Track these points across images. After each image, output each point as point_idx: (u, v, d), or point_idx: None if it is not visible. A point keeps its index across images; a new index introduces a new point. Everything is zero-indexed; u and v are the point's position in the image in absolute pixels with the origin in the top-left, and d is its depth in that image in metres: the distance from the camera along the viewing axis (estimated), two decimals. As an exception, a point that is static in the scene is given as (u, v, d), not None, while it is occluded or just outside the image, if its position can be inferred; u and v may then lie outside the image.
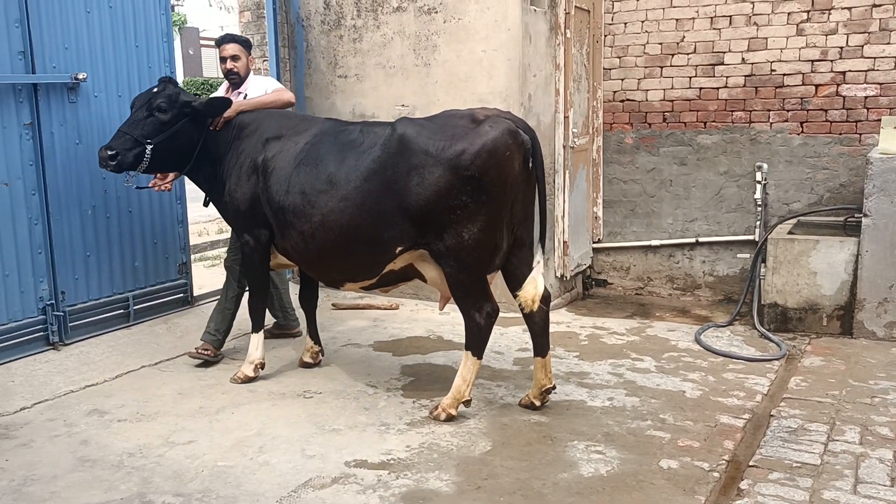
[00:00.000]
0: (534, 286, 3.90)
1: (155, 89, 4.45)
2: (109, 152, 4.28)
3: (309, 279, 4.74)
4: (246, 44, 4.91)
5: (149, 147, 4.33)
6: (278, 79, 6.11)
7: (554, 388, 4.09)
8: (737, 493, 3.16)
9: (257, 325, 4.60)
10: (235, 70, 4.80)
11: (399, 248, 3.90)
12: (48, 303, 4.74)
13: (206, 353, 4.78)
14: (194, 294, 5.82)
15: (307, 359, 4.77)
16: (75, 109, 4.85)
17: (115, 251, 5.13)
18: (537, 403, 4.05)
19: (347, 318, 5.88)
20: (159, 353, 5.01)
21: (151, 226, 5.40)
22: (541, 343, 4.05)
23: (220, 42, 4.89)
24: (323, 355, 4.84)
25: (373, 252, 3.96)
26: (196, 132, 4.48)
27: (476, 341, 3.90)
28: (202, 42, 18.49)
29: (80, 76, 4.78)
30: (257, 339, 4.57)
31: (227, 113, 4.48)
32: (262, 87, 4.83)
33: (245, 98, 4.76)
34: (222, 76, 5.00)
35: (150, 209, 5.39)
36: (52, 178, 4.72)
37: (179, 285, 5.67)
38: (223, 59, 4.86)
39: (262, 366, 4.58)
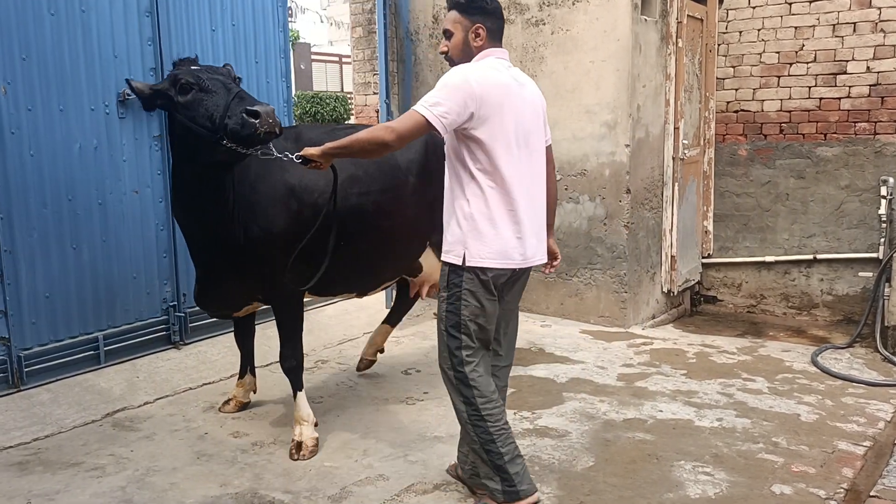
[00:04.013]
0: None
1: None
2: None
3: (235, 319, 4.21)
4: (464, 7, 2.99)
5: None
6: (387, 94, 6.24)
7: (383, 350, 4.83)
8: (857, 525, 2.99)
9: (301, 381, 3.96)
10: (449, 54, 3.05)
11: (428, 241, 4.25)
12: (171, 304, 5.03)
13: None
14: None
15: (243, 398, 4.29)
16: (199, 122, 5.13)
17: (232, 257, 5.39)
18: (374, 359, 4.79)
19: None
20: (270, 355, 5.19)
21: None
22: (398, 317, 4.81)
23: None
24: (255, 391, 4.40)
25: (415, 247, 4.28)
26: None
27: None
28: (313, 57, 19.20)
29: (205, 91, 5.06)
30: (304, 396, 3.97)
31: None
32: None
33: None
34: (333, 90, 5.01)
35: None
36: (177, 186, 5.01)
37: (290, 291, 5.88)
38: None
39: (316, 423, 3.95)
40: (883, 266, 5.55)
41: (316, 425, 3.84)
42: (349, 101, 18.87)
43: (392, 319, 4.83)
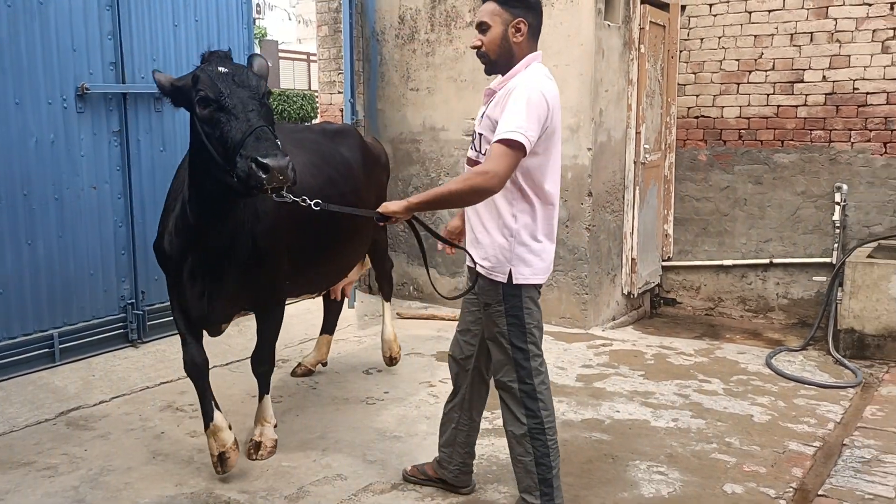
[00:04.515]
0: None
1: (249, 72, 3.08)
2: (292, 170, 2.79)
3: (199, 339, 3.60)
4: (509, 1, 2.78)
5: None
6: (352, 93, 6.23)
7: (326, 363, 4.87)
8: (804, 523, 3.07)
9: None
10: (483, 49, 2.84)
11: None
12: (129, 302, 4.96)
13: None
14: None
15: (232, 454, 3.47)
16: (161, 118, 5.07)
17: (192, 254, 5.34)
18: (313, 370, 4.79)
19: (410, 327, 5.94)
20: (230, 354, 5.16)
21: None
22: (334, 323, 4.84)
23: None
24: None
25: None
26: None
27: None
28: (281, 55, 19.04)
29: (166, 86, 5.00)
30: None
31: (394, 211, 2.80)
32: (500, 103, 2.79)
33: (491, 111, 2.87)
34: (301, 88, 4.97)
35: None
36: (136, 183, 4.94)
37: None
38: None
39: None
40: (836, 271, 5.69)
41: (275, 426, 3.82)
42: (316, 99, 18.75)
43: (330, 328, 4.87)
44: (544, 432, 2.94)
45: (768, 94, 6.17)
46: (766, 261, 6.29)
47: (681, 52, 6.47)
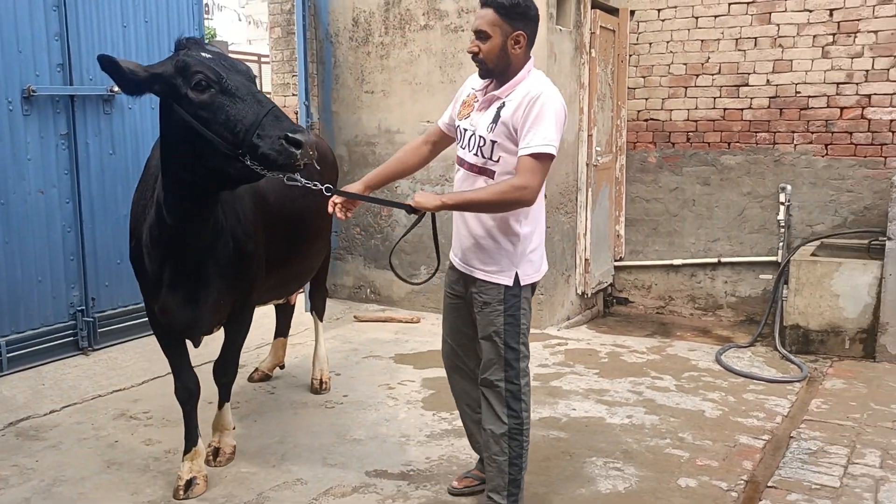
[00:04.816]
0: None
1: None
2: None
3: (188, 363, 3.49)
4: (507, 12, 2.79)
5: None
6: (306, 96, 6.21)
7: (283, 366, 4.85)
8: (755, 514, 3.17)
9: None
10: (480, 56, 2.84)
11: None
12: (79, 308, 4.86)
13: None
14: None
15: (201, 477, 3.39)
16: (110, 121, 4.98)
17: (144, 259, 5.25)
18: (271, 374, 4.76)
19: (368, 330, 5.94)
20: (184, 360, 5.09)
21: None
22: (287, 325, 4.78)
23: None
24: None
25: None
26: None
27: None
28: (231, 56, 18.84)
29: (116, 88, 4.91)
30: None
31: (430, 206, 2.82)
32: (518, 111, 2.79)
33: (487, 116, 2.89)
34: None
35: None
36: (85, 187, 4.85)
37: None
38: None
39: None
40: (781, 269, 5.87)
41: (233, 428, 3.78)
42: (268, 101, 18.51)
43: (284, 331, 4.81)
44: (522, 433, 2.99)
45: (715, 98, 6.34)
46: (715, 260, 6.46)
47: (630, 56, 6.60)
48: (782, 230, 6.10)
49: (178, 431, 3.97)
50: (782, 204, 6.07)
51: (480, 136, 2.85)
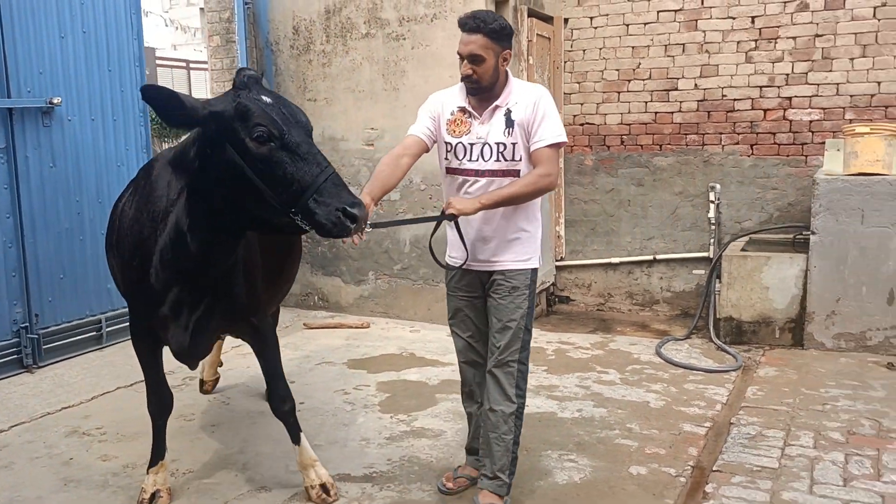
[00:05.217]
0: None
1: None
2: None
3: (164, 376, 3.48)
4: (499, 35, 3.05)
5: None
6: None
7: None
8: (703, 497, 3.36)
9: None
10: (475, 77, 3.08)
11: None
12: (22, 325, 4.75)
13: None
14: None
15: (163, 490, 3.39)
16: (49, 133, 4.89)
17: (89, 272, 5.17)
18: (218, 374, 4.67)
19: (319, 337, 5.97)
20: (134, 374, 5.00)
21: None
22: None
23: (461, 25, 3.10)
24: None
25: None
26: None
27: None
28: (158, 62, 18.39)
29: (55, 100, 4.83)
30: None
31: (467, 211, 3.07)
32: (527, 112, 3.11)
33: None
34: None
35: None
36: (26, 201, 4.75)
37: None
38: (460, 57, 3.09)
39: None
40: (713, 264, 6.16)
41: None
42: (198, 108, 18.15)
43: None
44: (523, 413, 3.29)
45: (646, 102, 6.60)
46: (650, 257, 6.72)
47: (565, 62, 6.82)
48: (713, 227, 6.40)
49: (134, 446, 3.96)
50: (712, 202, 6.37)
51: (498, 143, 3.12)
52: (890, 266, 5.20)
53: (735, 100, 6.30)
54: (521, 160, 3.12)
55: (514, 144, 3.11)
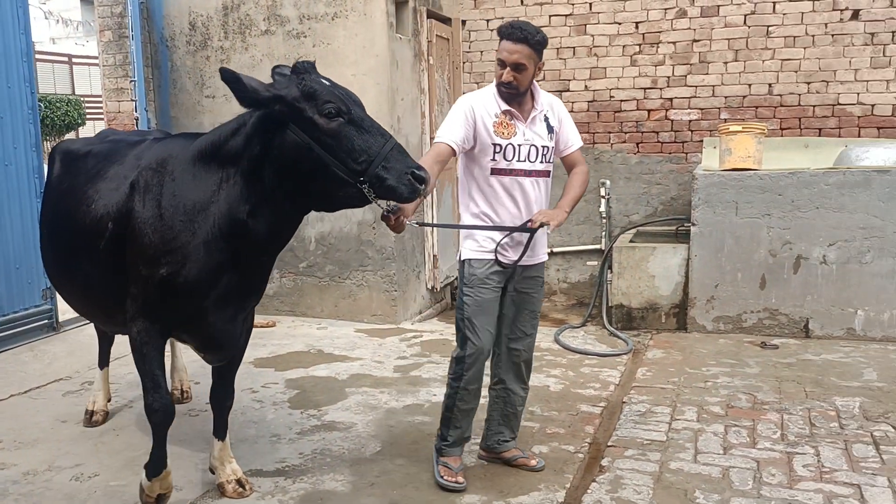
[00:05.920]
0: None
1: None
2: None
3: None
4: (541, 47, 3.30)
5: None
6: (145, 101, 6.07)
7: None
8: (599, 470, 3.61)
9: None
10: (515, 83, 3.28)
11: None
12: None
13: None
14: (59, 320, 5.69)
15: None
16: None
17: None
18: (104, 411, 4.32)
19: (223, 336, 5.91)
20: (28, 381, 4.87)
21: (13, 249, 5.23)
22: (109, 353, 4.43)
23: (506, 34, 3.27)
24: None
25: None
26: None
27: None
28: (38, 57, 17.47)
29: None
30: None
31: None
32: (555, 118, 3.47)
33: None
34: (63, 93, 4.52)
35: (12, 232, 5.23)
36: None
37: (44, 311, 5.52)
38: (502, 64, 3.30)
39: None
40: (605, 256, 6.52)
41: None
42: (83, 104, 17.42)
43: (107, 361, 4.40)
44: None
45: (541, 101, 6.88)
46: (548, 250, 7.00)
47: (464, 63, 7.02)
48: (604, 220, 6.75)
49: (34, 453, 3.86)
50: (603, 197, 6.72)
51: (544, 147, 3.39)
52: (761, 254, 5.67)
53: (622, 101, 6.68)
54: (552, 162, 3.47)
55: (552, 148, 3.44)
